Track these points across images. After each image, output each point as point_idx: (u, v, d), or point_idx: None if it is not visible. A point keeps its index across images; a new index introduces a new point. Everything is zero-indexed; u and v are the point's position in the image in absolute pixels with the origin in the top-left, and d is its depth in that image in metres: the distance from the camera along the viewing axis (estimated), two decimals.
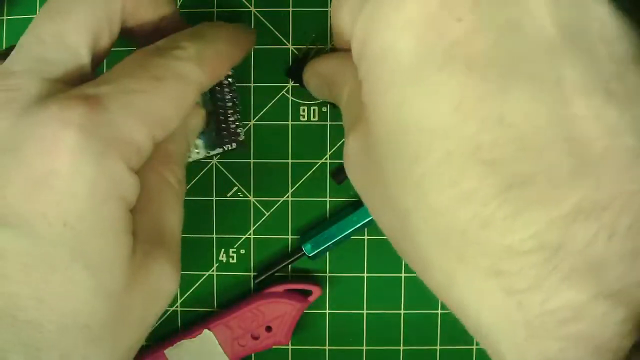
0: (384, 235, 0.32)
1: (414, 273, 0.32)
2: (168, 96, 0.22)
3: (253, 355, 0.32)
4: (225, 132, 0.30)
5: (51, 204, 0.20)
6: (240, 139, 0.31)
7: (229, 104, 0.30)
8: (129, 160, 0.21)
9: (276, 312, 0.31)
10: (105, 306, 0.21)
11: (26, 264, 0.20)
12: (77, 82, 0.21)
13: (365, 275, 0.33)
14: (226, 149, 0.31)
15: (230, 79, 0.30)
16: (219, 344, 0.31)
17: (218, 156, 0.32)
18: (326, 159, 0.32)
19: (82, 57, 0.22)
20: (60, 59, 0.22)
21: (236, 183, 0.32)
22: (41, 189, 0.19)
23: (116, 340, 0.22)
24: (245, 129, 0.32)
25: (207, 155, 0.31)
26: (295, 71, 0.32)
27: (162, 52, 0.23)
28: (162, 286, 0.23)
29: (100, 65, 0.24)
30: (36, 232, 0.20)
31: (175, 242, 0.25)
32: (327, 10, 0.32)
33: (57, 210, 0.20)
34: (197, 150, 0.30)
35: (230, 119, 0.30)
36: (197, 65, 0.23)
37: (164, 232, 0.24)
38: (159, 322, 0.33)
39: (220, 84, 0.30)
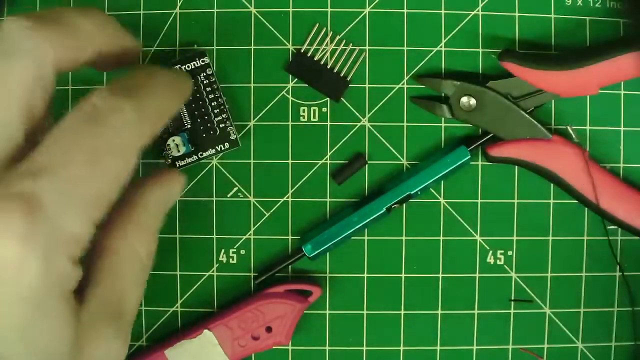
0: (384, 236, 0.32)
1: (414, 273, 0.32)
2: (107, 175, 0.22)
3: (253, 355, 0.32)
4: (213, 132, 0.31)
5: (2, 308, 0.20)
6: (232, 138, 0.31)
7: (213, 104, 0.30)
8: (70, 254, 0.21)
9: (276, 312, 0.31)
10: None
11: None
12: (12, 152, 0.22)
13: (365, 275, 0.33)
14: (219, 149, 0.31)
15: (211, 78, 0.30)
16: (219, 344, 0.31)
17: (217, 157, 0.32)
18: (326, 159, 0.32)
19: (15, 130, 0.22)
20: None
21: (236, 183, 0.32)
22: None
23: None
24: (245, 130, 0.32)
25: (200, 157, 0.31)
26: (295, 66, 0.32)
27: (98, 120, 0.22)
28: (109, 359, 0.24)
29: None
30: None
31: (130, 317, 0.25)
32: (327, 11, 0.32)
33: (7, 315, 0.20)
34: (178, 149, 0.30)
35: (217, 118, 0.30)
36: (137, 127, 0.22)
37: (120, 308, 0.24)
38: (159, 322, 0.33)
39: (200, 86, 0.30)
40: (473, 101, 0.31)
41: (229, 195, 0.32)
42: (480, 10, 0.32)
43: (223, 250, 0.33)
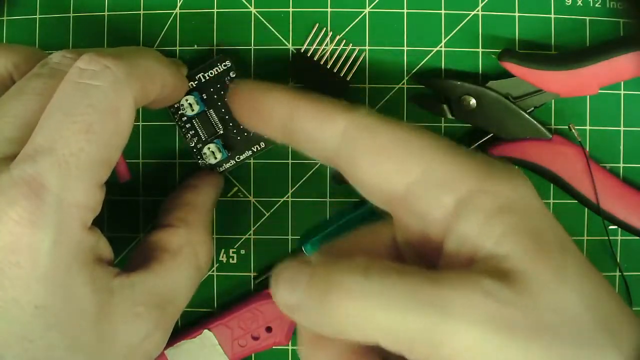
0: None
1: None
2: (105, 139, 0.22)
3: (253, 355, 0.32)
4: (246, 134, 0.30)
5: (20, 290, 0.21)
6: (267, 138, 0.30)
7: None
8: (82, 222, 0.22)
9: (276, 312, 0.31)
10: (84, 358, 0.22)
11: (5, 341, 0.21)
12: None
13: None
14: (255, 150, 0.30)
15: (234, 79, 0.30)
16: (219, 344, 0.31)
17: (254, 157, 0.32)
18: None
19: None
20: None
21: (236, 183, 0.32)
22: (7, 276, 0.21)
23: None
24: None
25: (238, 160, 0.30)
26: (295, 67, 0.32)
27: (87, 83, 0.22)
28: (147, 347, 0.24)
29: None
30: (11, 316, 0.21)
31: (174, 313, 0.25)
32: (327, 11, 0.32)
33: (27, 295, 0.21)
34: (214, 155, 0.30)
35: None
36: (127, 84, 0.23)
37: (166, 301, 0.25)
38: None
39: (227, 90, 0.30)
40: (473, 101, 0.31)
41: (229, 195, 0.32)
42: (480, 10, 0.32)
43: (223, 250, 0.33)
